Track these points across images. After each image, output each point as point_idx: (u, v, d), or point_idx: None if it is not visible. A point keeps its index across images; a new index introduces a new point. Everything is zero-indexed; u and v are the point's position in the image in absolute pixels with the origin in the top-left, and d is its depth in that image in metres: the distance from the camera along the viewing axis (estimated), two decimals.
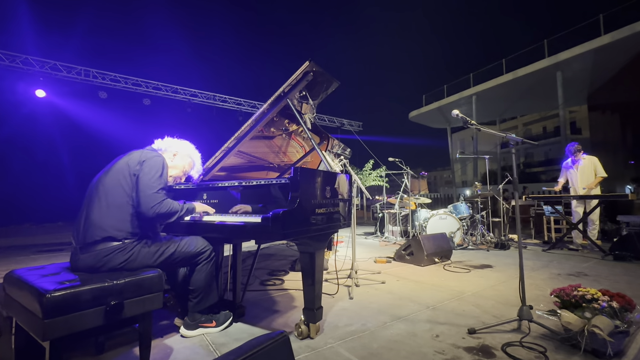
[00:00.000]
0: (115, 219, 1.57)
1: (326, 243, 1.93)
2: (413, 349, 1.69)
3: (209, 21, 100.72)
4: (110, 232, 1.54)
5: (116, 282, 1.33)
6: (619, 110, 11.98)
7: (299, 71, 2.30)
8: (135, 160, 1.69)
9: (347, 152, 3.50)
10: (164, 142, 2.01)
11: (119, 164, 1.68)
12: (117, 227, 1.56)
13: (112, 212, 1.57)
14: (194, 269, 1.83)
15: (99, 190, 1.61)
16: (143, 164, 1.67)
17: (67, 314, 1.17)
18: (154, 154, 1.76)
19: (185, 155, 2.03)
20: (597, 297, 1.64)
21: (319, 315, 1.86)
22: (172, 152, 1.97)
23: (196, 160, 2.11)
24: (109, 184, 1.62)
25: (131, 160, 1.68)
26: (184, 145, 2.06)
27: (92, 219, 1.55)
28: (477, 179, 15.15)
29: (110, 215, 1.56)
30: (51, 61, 9.46)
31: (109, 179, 1.63)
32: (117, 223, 1.57)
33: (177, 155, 1.99)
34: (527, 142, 2.02)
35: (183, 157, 2.01)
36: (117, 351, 1.72)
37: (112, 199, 1.59)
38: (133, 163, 1.67)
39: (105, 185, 1.62)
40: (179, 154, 2.00)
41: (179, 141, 2.06)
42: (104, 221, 1.55)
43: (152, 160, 1.70)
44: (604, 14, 11.07)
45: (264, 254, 4.66)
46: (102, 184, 1.63)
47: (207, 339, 1.84)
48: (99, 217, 1.55)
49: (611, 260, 3.94)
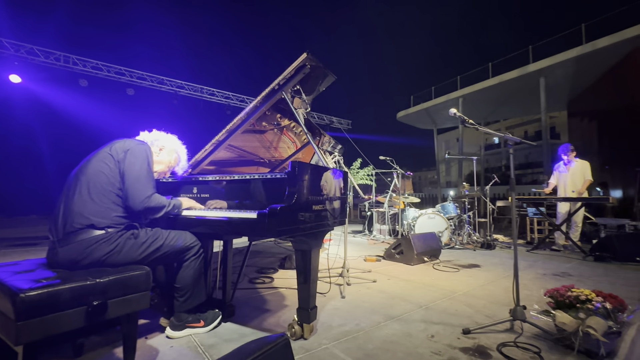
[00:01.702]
0: (98, 207, 1.48)
1: (322, 240, 1.87)
2: (409, 350, 1.66)
3: (199, 11, 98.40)
4: (92, 219, 1.46)
5: (99, 280, 1.23)
6: (597, 117, 12.44)
7: (295, 63, 2.23)
8: (119, 148, 1.62)
9: (339, 149, 3.45)
10: (151, 135, 1.93)
11: (102, 152, 1.61)
12: (99, 214, 1.48)
13: (94, 199, 1.49)
14: (181, 265, 1.73)
15: (80, 179, 1.53)
16: (127, 152, 1.60)
17: (44, 315, 1.06)
18: (137, 143, 1.70)
19: (172, 151, 1.96)
20: (591, 298, 1.65)
21: (314, 315, 1.80)
22: (158, 147, 1.90)
23: (182, 156, 2.04)
24: (91, 171, 1.54)
25: (114, 149, 1.62)
26: (171, 140, 1.99)
27: (71, 207, 1.46)
28: (461, 180, 15.46)
29: (92, 202, 1.48)
30: (27, 45, 8.94)
31: (91, 167, 1.56)
32: (100, 211, 1.48)
33: (163, 150, 1.92)
34: (525, 142, 2.02)
35: (169, 153, 1.94)
36: (98, 352, 1.61)
37: (94, 187, 1.51)
38: (117, 151, 1.61)
39: (87, 174, 1.54)
40: (165, 149, 1.93)
41: (166, 135, 1.98)
42: (85, 209, 1.46)
43: (136, 150, 1.63)
44: (585, 23, 11.47)
45: (252, 251, 4.56)
46: (83, 172, 1.55)
47: (195, 340, 1.75)
48: (79, 205, 1.46)
49: (592, 261, 4.06)
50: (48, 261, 1.46)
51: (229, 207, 1.90)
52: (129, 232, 1.54)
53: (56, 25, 14.20)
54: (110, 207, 1.51)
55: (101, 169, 1.54)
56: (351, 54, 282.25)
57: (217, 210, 1.84)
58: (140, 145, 1.67)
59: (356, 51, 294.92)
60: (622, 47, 10.05)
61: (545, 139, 13.17)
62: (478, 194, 5.76)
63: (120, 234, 1.51)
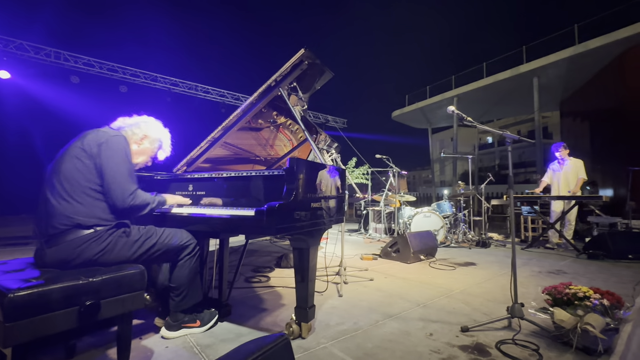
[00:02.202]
0: (81, 206, 1.40)
1: (320, 239, 1.85)
2: (408, 349, 1.65)
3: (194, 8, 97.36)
4: (77, 219, 1.38)
5: (92, 279, 1.19)
6: (589, 117, 12.60)
7: (292, 59, 2.21)
8: (92, 141, 1.49)
9: (335, 147, 3.43)
10: (130, 121, 1.75)
11: (73, 148, 1.48)
12: (84, 213, 1.40)
13: (75, 199, 1.40)
14: (177, 264, 1.69)
15: (55, 179, 1.43)
16: (101, 146, 1.48)
17: (34, 316, 1.02)
18: (113, 133, 1.56)
19: (155, 140, 1.80)
20: (588, 295, 1.65)
21: (312, 314, 1.78)
22: (139, 136, 1.73)
23: (165, 141, 1.88)
24: (65, 170, 1.43)
25: (87, 142, 1.48)
26: (154, 126, 1.81)
27: (53, 209, 1.38)
28: (456, 179, 15.58)
29: (74, 202, 1.40)
30: (17, 40, 8.74)
31: (65, 165, 1.44)
32: (84, 210, 1.40)
33: (146, 139, 1.75)
34: (524, 139, 2.02)
35: (152, 142, 1.78)
36: (90, 354, 1.57)
37: (72, 187, 1.41)
38: (89, 145, 1.48)
39: (62, 173, 1.43)
40: (148, 138, 1.76)
41: (148, 121, 1.80)
42: (68, 209, 1.38)
43: (112, 143, 1.51)
44: (578, 24, 11.61)
45: (248, 249, 4.52)
46: (57, 171, 1.44)
47: (191, 340, 1.71)
48: (61, 207, 1.38)
49: (585, 258, 4.11)
50: (37, 262, 1.39)
51: (225, 205, 1.87)
52: (120, 230, 1.48)
53: (46, 20, 13.93)
54: (94, 205, 1.43)
55: (75, 166, 1.43)
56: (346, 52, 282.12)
57: (215, 208, 1.81)
58: (115, 137, 1.54)
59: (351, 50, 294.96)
60: (614, 48, 10.19)
61: (538, 138, 13.32)
62: (473, 192, 5.79)
63: (111, 232, 1.45)
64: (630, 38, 9.66)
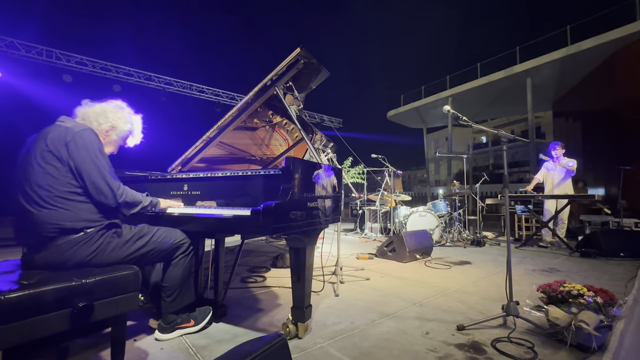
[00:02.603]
0: (65, 211, 1.33)
1: (316, 238, 1.85)
2: (405, 347, 1.65)
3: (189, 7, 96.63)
4: (64, 224, 1.31)
5: (85, 280, 1.17)
6: (581, 118, 12.77)
7: (288, 59, 2.20)
8: (57, 140, 1.35)
9: (331, 147, 3.43)
10: (94, 109, 1.58)
11: (38, 150, 1.35)
12: (68, 218, 1.33)
13: (57, 205, 1.31)
14: (170, 263, 1.66)
15: (27, 186, 1.32)
16: (69, 145, 1.35)
17: (25, 319, 1.00)
18: (78, 128, 1.41)
19: (124, 130, 1.66)
20: (582, 292, 1.67)
21: (308, 314, 1.78)
22: (105, 128, 1.58)
23: (136, 128, 1.73)
24: (36, 176, 1.32)
25: (51, 142, 1.35)
26: (122, 115, 1.64)
27: (36, 217, 1.29)
28: (451, 179, 15.66)
29: (57, 209, 1.31)
30: (7, 38, 8.60)
31: (34, 171, 1.32)
32: (68, 215, 1.33)
33: (113, 130, 1.61)
34: (519, 139, 2.03)
35: (121, 132, 1.65)
36: (83, 356, 1.54)
37: (50, 193, 1.31)
38: (55, 145, 1.34)
39: (33, 180, 1.32)
40: (116, 129, 1.62)
41: (115, 109, 1.63)
42: (52, 216, 1.30)
43: (81, 139, 1.38)
44: (571, 25, 11.75)
45: (243, 250, 4.50)
46: (28, 178, 1.33)
47: (186, 342, 1.70)
48: (44, 214, 1.29)
49: (578, 256, 4.16)
50: (25, 266, 1.34)
51: (221, 205, 1.85)
52: (111, 231, 1.44)
53: (38, 18, 13.70)
54: (79, 207, 1.36)
55: (46, 171, 1.32)
56: (342, 53, 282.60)
57: (210, 207, 1.79)
58: (82, 132, 1.39)
59: (347, 50, 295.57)
60: (606, 49, 10.33)
61: (532, 138, 13.47)
62: (467, 192, 5.83)
63: (102, 234, 1.40)
64: (622, 39, 9.80)
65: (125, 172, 2.26)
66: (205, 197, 1.92)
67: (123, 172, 2.25)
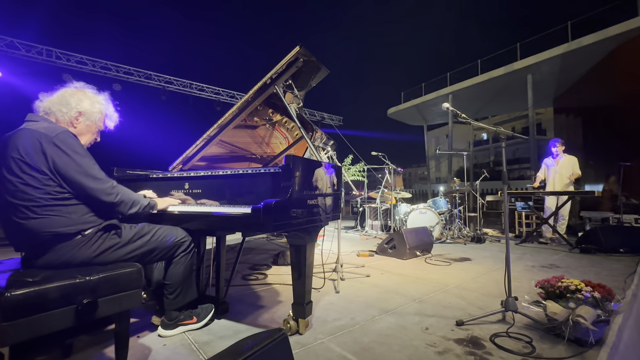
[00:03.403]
0: (57, 217, 1.29)
1: (317, 235, 1.86)
2: (404, 343, 1.67)
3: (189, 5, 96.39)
4: (59, 230, 1.29)
5: (89, 278, 1.19)
6: (582, 114, 12.75)
7: (287, 57, 2.21)
8: (32, 148, 1.27)
9: (331, 145, 3.45)
10: (54, 99, 1.47)
11: (11, 160, 1.26)
12: (62, 224, 1.30)
13: (47, 214, 1.27)
14: (171, 261, 1.68)
15: (9, 198, 1.26)
16: (47, 153, 1.27)
17: (31, 315, 1.02)
18: (54, 131, 1.32)
19: (94, 112, 1.53)
20: (580, 287, 1.69)
21: (309, 310, 1.80)
22: (71, 116, 1.47)
23: (108, 108, 1.62)
24: (16, 188, 1.25)
25: (25, 151, 1.26)
26: (85, 97, 1.52)
27: (27, 227, 1.26)
28: (451, 176, 15.65)
29: (48, 217, 1.28)
30: (7, 38, 8.61)
31: (11, 182, 1.25)
32: (61, 220, 1.30)
33: (81, 116, 1.49)
34: (517, 136, 2.04)
35: (90, 115, 1.52)
36: (88, 353, 1.56)
37: (37, 203, 1.26)
38: (30, 154, 1.26)
39: (13, 192, 1.25)
40: (83, 115, 1.50)
41: (74, 93, 1.50)
42: (44, 224, 1.27)
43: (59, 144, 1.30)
44: (572, 21, 11.70)
45: (245, 247, 4.53)
46: (8, 190, 1.26)
47: (188, 338, 1.72)
48: (36, 223, 1.26)
49: (578, 252, 4.17)
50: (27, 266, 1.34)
51: (221, 202, 1.87)
52: (111, 232, 1.43)
53: (38, 17, 13.70)
54: (69, 211, 1.32)
55: (26, 182, 1.25)
56: (342, 50, 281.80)
57: (212, 206, 1.81)
58: (58, 136, 1.31)
59: (347, 47, 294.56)
60: (606, 45, 10.29)
61: (532, 135, 13.45)
62: (468, 189, 5.84)
63: (100, 235, 1.39)
64: (623, 35, 9.76)
65: (127, 172, 2.27)
66: (206, 196, 1.94)
67: (124, 172, 2.26)
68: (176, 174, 2.10)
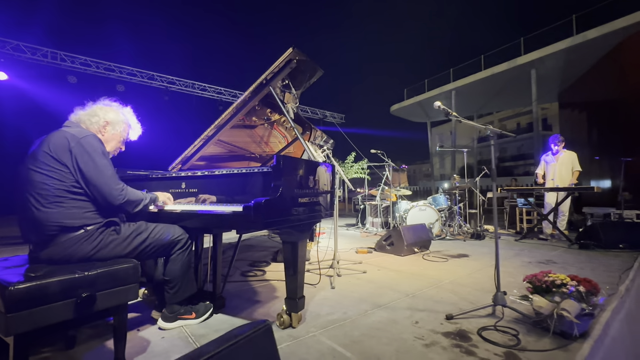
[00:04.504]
0: (64, 211, 1.41)
1: (309, 233, 1.92)
2: (393, 335, 1.72)
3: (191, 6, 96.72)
4: (64, 222, 1.40)
5: (87, 273, 1.26)
6: (587, 109, 12.59)
7: (281, 58, 2.25)
8: (59, 146, 1.44)
9: (330, 143, 3.49)
10: (87, 113, 1.67)
11: (41, 155, 1.43)
12: (68, 217, 1.41)
13: (55, 206, 1.40)
14: (170, 258, 1.76)
15: (30, 187, 1.41)
16: (72, 150, 1.44)
17: (33, 307, 1.09)
18: (82, 134, 1.50)
19: (118, 122, 1.74)
20: (565, 282, 1.72)
21: (301, 304, 1.86)
22: (100, 124, 1.67)
23: (131, 120, 1.84)
24: (38, 179, 1.41)
25: (53, 147, 1.43)
26: (111, 109, 1.74)
27: (37, 216, 1.38)
28: (455, 172, 15.61)
29: (55, 209, 1.40)
30: (13, 41, 8.78)
31: (36, 174, 1.41)
32: (68, 214, 1.42)
33: (108, 125, 1.70)
34: (505, 134, 2.07)
35: (115, 125, 1.72)
36: (90, 345, 1.65)
37: (49, 195, 1.40)
38: (57, 151, 1.43)
39: (33, 182, 1.41)
40: (110, 123, 1.70)
41: (104, 106, 1.73)
42: (52, 215, 1.39)
43: (84, 144, 1.47)
44: (576, 14, 11.55)
45: (245, 245, 4.61)
46: (29, 182, 1.42)
47: (186, 331, 1.79)
48: (44, 213, 1.38)
49: (577, 248, 4.18)
50: (32, 261, 1.44)
51: (217, 201, 1.93)
52: (111, 229, 1.53)
53: (43, 21, 13.89)
54: (77, 206, 1.44)
55: (48, 174, 1.41)
56: (345, 48, 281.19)
57: (205, 204, 1.88)
58: (86, 138, 1.49)
59: (350, 45, 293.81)
60: (611, 38, 10.14)
61: (537, 130, 13.34)
62: (468, 185, 5.84)
63: (101, 231, 1.49)
64: (628, 28, 9.62)
65: (127, 172, 2.35)
66: (202, 194, 2.00)
67: (125, 172, 2.34)
68: (174, 174, 2.17)
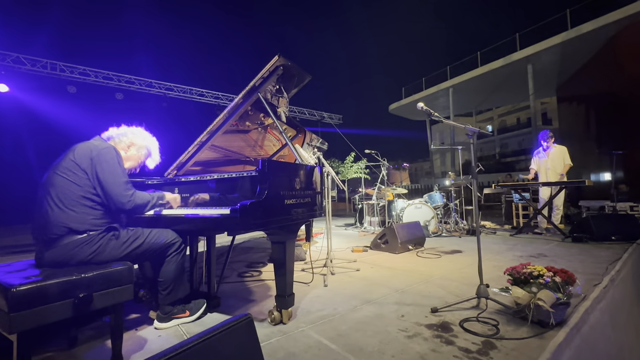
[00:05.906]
0: (74, 214, 1.56)
1: (297, 233, 2.00)
2: (379, 329, 1.80)
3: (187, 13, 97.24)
4: (70, 225, 1.54)
5: (84, 275, 1.35)
6: (585, 102, 12.61)
7: (268, 65, 2.34)
8: (83, 155, 1.64)
9: (325, 145, 3.58)
10: (119, 130, 1.92)
11: (66, 161, 1.63)
12: (76, 220, 1.56)
13: (69, 208, 1.55)
14: (164, 260, 1.85)
15: (50, 189, 1.58)
16: (94, 159, 1.63)
17: (34, 307, 1.19)
18: (104, 145, 1.71)
19: (142, 147, 1.97)
20: (542, 273, 1.80)
21: (291, 301, 1.94)
22: (126, 143, 1.91)
23: (153, 149, 2.05)
24: (59, 183, 1.58)
25: (78, 156, 1.63)
26: (140, 134, 1.98)
27: (50, 217, 1.54)
28: (455, 169, 15.63)
29: (68, 212, 1.55)
30: (13, 54, 8.93)
31: (58, 178, 1.59)
32: (77, 217, 1.56)
33: (132, 146, 1.93)
34: (483, 132, 2.15)
35: (139, 148, 1.96)
36: (90, 344, 1.74)
37: (66, 198, 1.56)
38: (81, 158, 1.63)
39: (55, 185, 1.58)
40: (135, 145, 1.94)
41: (135, 130, 1.97)
42: (61, 218, 1.54)
43: (104, 154, 1.66)
44: (570, 8, 11.58)
45: (244, 247, 4.70)
46: (51, 184, 1.59)
47: (181, 329, 1.88)
48: (55, 216, 1.54)
49: (570, 242, 4.23)
50: (37, 262, 1.57)
51: (210, 204, 2.02)
52: (110, 234, 1.65)
53: (42, 32, 14.12)
54: (86, 212, 1.59)
55: (69, 178, 1.59)
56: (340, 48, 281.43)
57: (196, 209, 1.97)
58: (105, 149, 1.69)
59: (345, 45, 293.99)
60: (606, 31, 10.18)
61: (535, 125, 13.37)
62: (464, 182, 5.91)
63: (101, 236, 1.61)
64: (623, 20, 9.65)
65: None
66: (194, 199, 2.09)
67: None
68: (168, 179, 2.26)
